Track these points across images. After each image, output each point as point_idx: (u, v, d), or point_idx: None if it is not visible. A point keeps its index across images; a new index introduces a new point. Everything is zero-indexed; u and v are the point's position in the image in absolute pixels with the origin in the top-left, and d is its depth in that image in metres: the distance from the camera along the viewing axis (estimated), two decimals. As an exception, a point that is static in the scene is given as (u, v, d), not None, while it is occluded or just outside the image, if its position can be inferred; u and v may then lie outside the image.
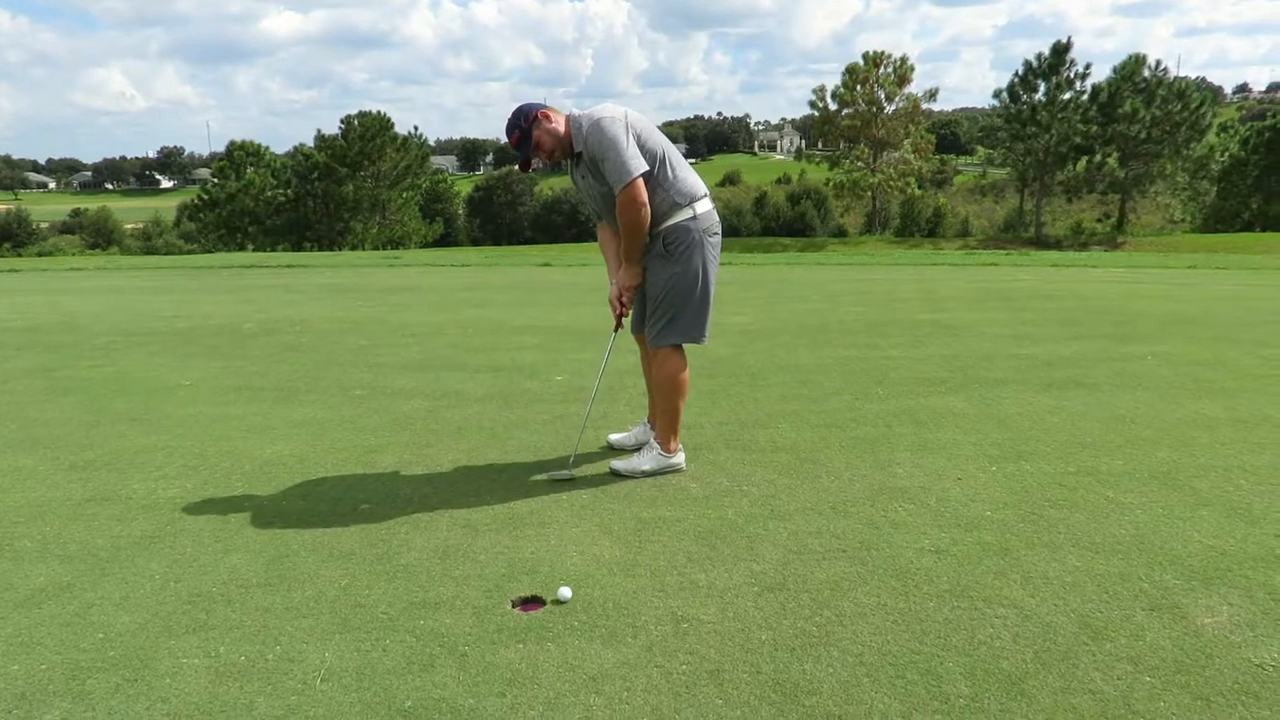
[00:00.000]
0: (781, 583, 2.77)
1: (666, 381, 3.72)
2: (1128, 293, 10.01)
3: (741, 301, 9.53)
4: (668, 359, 3.70)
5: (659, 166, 3.49)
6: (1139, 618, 2.51)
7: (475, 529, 3.23)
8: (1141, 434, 4.21)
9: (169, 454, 4.17)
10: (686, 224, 3.53)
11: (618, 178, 3.37)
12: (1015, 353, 6.15)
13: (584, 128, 3.43)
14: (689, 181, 3.57)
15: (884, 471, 3.76)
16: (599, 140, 3.38)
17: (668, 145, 3.58)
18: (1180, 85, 43.20)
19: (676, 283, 3.57)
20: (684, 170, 3.59)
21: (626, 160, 3.34)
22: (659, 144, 3.52)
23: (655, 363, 3.76)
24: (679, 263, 3.55)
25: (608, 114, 3.43)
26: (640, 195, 3.38)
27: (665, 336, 3.65)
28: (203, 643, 2.48)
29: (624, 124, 3.41)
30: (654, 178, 3.46)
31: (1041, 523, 3.19)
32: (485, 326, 7.62)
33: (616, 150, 3.35)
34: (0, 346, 7.10)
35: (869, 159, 50.71)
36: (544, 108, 3.55)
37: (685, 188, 3.54)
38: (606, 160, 3.37)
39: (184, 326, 8.07)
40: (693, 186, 3.56)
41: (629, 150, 3.36)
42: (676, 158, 3.60)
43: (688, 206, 3.53)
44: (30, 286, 13.26)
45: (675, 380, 3.72)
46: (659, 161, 3.49)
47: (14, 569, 2.96)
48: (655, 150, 3.48)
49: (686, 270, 3.56)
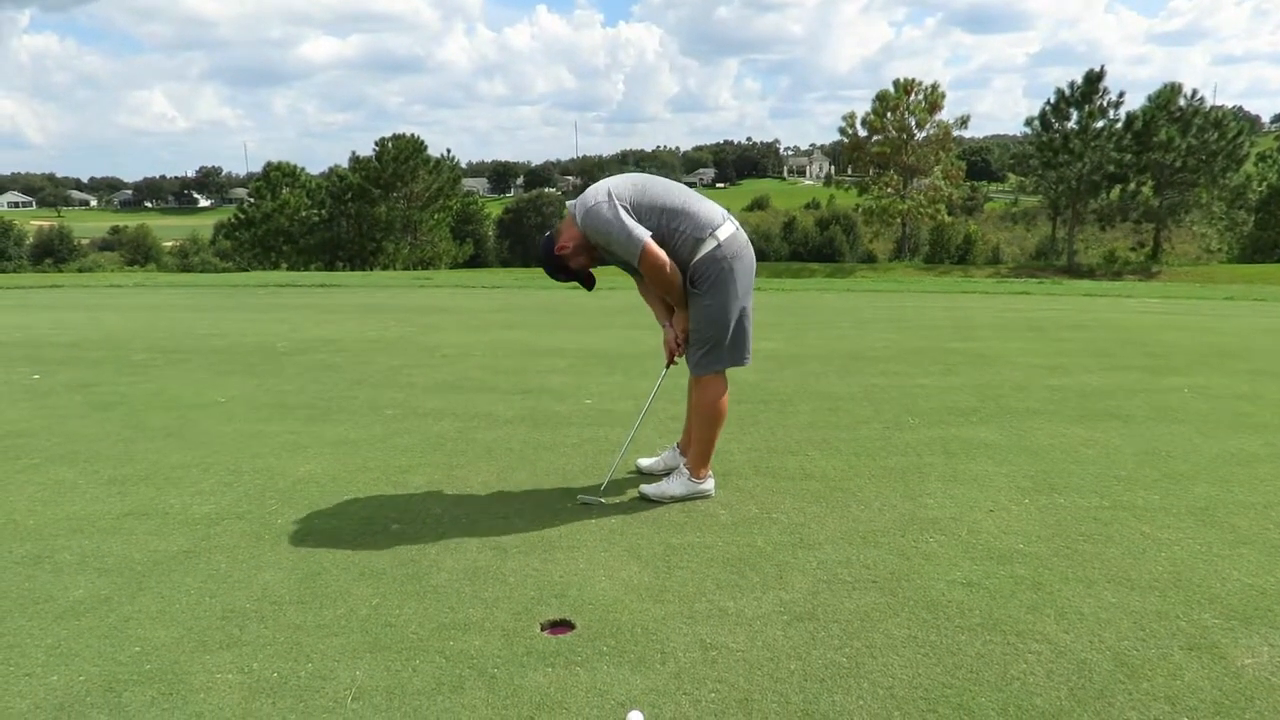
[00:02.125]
0: (811, 612, 2.75)
1: (708, 407, 3.74)
2: (1163, 323, 9.88)
3: (771, 327, 9.52)
4: (710, 385, 3.73)
5: (668, 217, 3.49)
6: (1176, 656, 2.47)
7: (505, 551, 3.25)
8: (1178, 468, 4.15)
9: (205, 470, 4.23)
10: (712, 254, 3.51)
11: (630, 252, 3.44)
12: (1048, 383, 6.09)
13: (579, 220, 3.50)
14: (704, 213, 3.55)
15: (914, 502, 3.73)
16: (596, 229, 3.46)
17: (673, 188, 3.59)
18: (1217, 114, 42.75)
19: (713, 314, 3.58)
20: (697, 204, 3.58)
21: (630, 234, 3.40)
22: (660, 194, 3.53)
23: (697, 390, 3.78)
24: (711, 294, 3.56)
25: (593, 199, 3.47)
26: (658, 257, 3.44)
27: (707, 364, 3.69)
28: (236, 659, 2.51)
29: (610, 202, 3.44)
30: (667, 228, 3.49)
31: (1076, 557, 3.14)
32: (515, 348, 7.67)
33: (614, 229, 3.42)
34: (43, 361, 7.26)
35: (899, 185, 50.60)
36: (554, 239, 3.65)
37: (702, 220, 3.52)
38: (613, 242, 3.45)
39: (219, 344, 8.20)
40: (709, 216, 3.55)
41: (627, 223, 3.41)
42: (685, 195, 3.59)
43: (709, 238, 3.50)
44: (72, 302, 13.55)
45: (716, 406, 3.74)
46: (667, 212, 3.50)
47: (54, 581, 3.02)
48: (658, 203, 3.50)
49: (717, 299, 3.57)
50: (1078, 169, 43.42)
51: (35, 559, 3.20)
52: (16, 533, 3.45)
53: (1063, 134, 44.38)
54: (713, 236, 3.52)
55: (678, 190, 3.60)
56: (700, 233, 3.51)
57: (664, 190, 3.56)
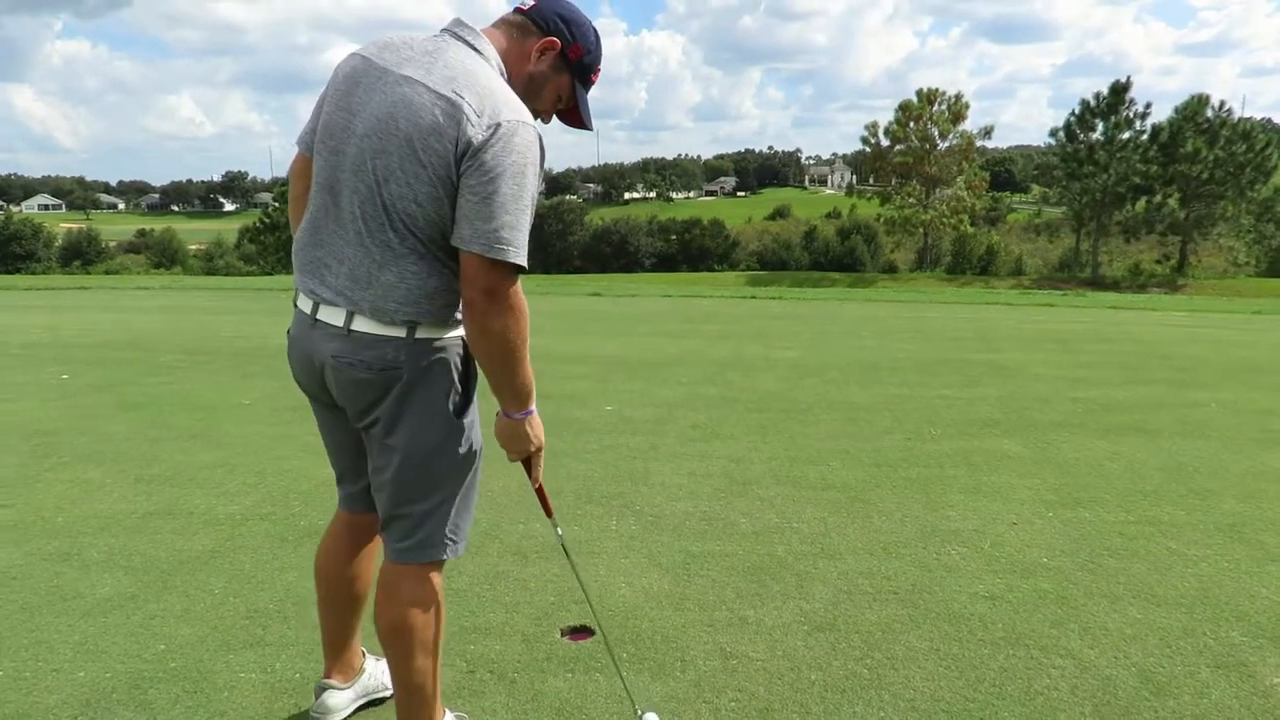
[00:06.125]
0: (832, 623, 2.74)
1: (428, 625, 2.00)
2: (1189, 337, 9.77)
3: (792, 336, 9.51)
4: (429, 581, 2.00)
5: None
6: (1203, 674, 2.44)
7: (525, 556, 3.26)
8: (1205, 484, 4.10)
9: (229, 471, 4.27)
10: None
11: (504, 239, 1.70)
12: (1072, 396, 6.03)
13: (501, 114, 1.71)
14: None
15: (936, 513, 3.71)
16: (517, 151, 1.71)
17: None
18: (1245, 126, 42.32)
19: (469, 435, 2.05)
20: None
21: (526, 219, 1.75)
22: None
23: (405, 587, 1.98)
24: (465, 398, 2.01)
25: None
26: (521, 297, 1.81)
27: (433, 543, 1.99)
28: (259, 658, 2.53)
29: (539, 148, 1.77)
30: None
31: (1100, 572, 3.11)
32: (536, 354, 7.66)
33: (526, 186, 1.74)
34: (72, 362, 7.36)
35: (921, 195, 50.37)
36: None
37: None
38: (504, 195, 1.70)
39: (244, 346, 8.29)
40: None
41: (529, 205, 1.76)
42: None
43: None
44: (100, 304, 13.74)
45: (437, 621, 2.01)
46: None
47: (82, 578, 3.05)
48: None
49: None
50: (1103, 180, 43.09)
51: (64, 556, 3.24)
52: (46, 530, 3.49)
53: (1088, 145, 44.08)
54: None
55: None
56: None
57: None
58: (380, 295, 1.78)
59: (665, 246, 59.75)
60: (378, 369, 1.82)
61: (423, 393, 1.86)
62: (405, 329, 1.80)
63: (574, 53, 1.90)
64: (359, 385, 1.85)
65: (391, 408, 1.86)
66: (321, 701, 2.19)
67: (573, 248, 59.43)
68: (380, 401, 1.86)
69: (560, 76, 1.91)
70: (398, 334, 1.80)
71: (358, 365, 1.83)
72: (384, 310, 1.79)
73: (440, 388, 1.88)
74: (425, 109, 1.71)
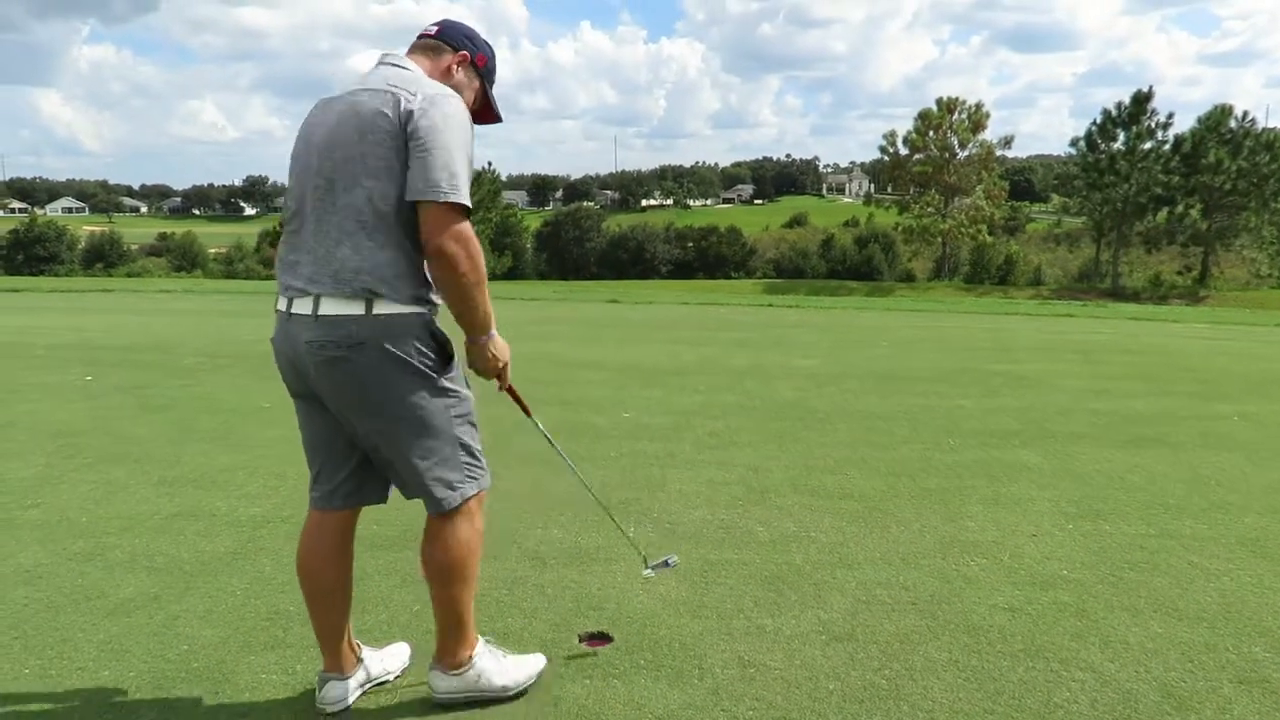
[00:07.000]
0: (850, 633, 2.73)
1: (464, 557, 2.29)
2: (1211, 349, 9.69)
3: (809, 345, 9.49)
4: (468, 519, 2.29)
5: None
6: (1226, 690, 2.42)
7: (543, 561, 3.27)
8: (1227, 498, 4.06)
9: (250, 473, 4.31)
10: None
11: (443, 182, 1.98)
12: (1093, 407, 5.99)
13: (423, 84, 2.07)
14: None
15: (955, 524, 3.69)
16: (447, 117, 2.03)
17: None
18: (1269, 136, 41.98)
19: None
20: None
21: (464, 164, 2.04)
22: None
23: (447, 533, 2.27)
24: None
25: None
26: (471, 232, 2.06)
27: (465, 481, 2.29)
28: (280, 660, 2.56)
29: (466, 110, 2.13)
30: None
31: (1121, 585, 3.09)
32: (553, 360, 7.73)
33: (459, 139, 2.04)
34: (97, 364, 7.45)
35: (939, 204, 50.20)
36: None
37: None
38: (445, 151, 1.99)
39: (263, 350, 8.30)
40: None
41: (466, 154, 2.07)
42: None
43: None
44: (123, 306, 13.90)
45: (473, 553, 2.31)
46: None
47: (106, 578, 3.09)
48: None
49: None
50: (1124, 190, 42.83)
51: (88, 556, 3.28)
52: (70, 530, 3.54)
53: (1109, 155, 43.83)
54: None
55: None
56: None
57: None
58: (339, 267, 2.03)
59: (682, 254, 59.82)
60: (345, 345, 2.03)
61: (395, 361, 2.06)
62: (363, 303, 2.02)
63: (480, 60, 2.30)
64: (333, 366, 2.06)
65: (370, 384, 2.06)
66: (325, 693, 2.30)
67: (590, 254, 59.59)
68: (358, 381, 2.06)
69: (474, 82, 2.31)
70: (357, 310, 2.03)
71: (328, 345, 2.04)
72: (342, 279, 2.02)
73: (411, 352, 2.08)
74: (366, 105, 2.03)
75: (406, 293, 2.06)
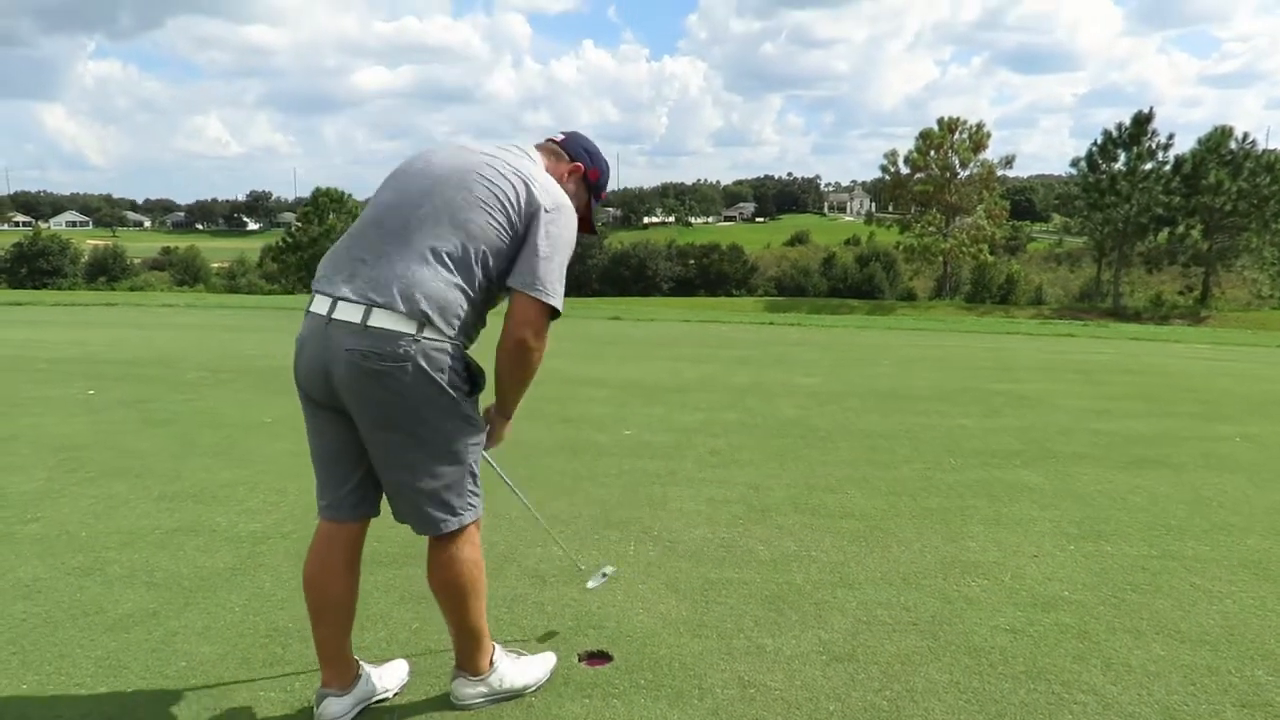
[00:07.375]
0: (850, 653, 2.72)
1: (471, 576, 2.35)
2: (1213, 369, 9.69)
3: (811, 363, 9.50)
4: (468, 542, 2.35)
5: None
6: (1228, 713, 2.40)
7: (543, 580, 3.26)
8: (1230, 519, 4.05)
9: (251, 489, 4.31)
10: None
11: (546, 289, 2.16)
12: (1094, 427, 5.99)
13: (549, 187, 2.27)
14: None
15: (956, 544, 3.68)
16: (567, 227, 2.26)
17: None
18: (1270, 158, 42.15)
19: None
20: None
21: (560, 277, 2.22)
22: None
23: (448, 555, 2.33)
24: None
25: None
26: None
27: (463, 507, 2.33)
28: (279, 677, 2.55)
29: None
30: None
31: (1123, 607, 3.08)
32: (554, 377, 7.73)
33: (564, 249, 2.24)
34: (99, 378, 7.46)
35: (941, 224, 50.35)
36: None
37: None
38: (553, 262, 2.19)
39: (265, 365, 8.36)
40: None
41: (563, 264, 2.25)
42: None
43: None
44: (126, 320, 13.93)
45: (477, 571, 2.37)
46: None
47: (105, 593, 3.08)
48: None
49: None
50: (1124, 211, 42.97)
51: (87, 570, 3.27)
52: (70, 544, 3.53)
53: (1110, 175, 43.99)
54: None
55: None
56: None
57: None
58: (409, 284, 2.07)
59: (684, 271, 59.90)
60: (390, 359, 2.06)
61: (433, 384, 2.11)
62: (416, 325, 2.07)
63: (593, 175, 2.50)
64: (371, 377, 2.08)
65: (405, 401, 2.11)
66: (323, 709, 2.30)
67: (592, 271, 59.66)
68: (392, 396, 2.10)
69: (581, 193, 2.48)
70: (409, 329, 2.07)
71: (371, 357, 2.07)
72: (407, 297, 2.06)
73: (449, 378, 2.14)
74: (502, 173, 2.20)
75: (454, 331, 2.14)
